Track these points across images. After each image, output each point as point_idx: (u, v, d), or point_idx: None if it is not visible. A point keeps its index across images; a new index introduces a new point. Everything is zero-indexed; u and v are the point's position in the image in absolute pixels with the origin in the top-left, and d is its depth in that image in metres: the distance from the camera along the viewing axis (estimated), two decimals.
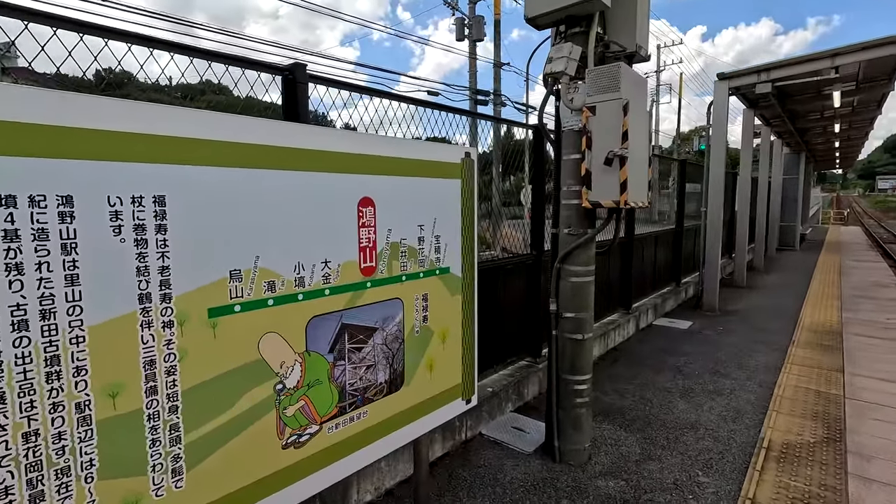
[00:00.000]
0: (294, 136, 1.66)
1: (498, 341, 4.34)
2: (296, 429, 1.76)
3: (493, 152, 12.59)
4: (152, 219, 1.34)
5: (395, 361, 2.13)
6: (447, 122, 3.69)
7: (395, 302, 2.11)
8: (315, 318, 1.78)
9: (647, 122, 3.31)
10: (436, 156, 2.25)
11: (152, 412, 1.38)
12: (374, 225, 1.98)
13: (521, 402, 4.45)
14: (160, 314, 1.37)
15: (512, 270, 4.44)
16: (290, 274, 1.69)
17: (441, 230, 2.32)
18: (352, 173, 1.87)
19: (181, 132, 1.38)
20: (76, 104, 1.20)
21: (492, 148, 9.60)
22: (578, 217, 3.38)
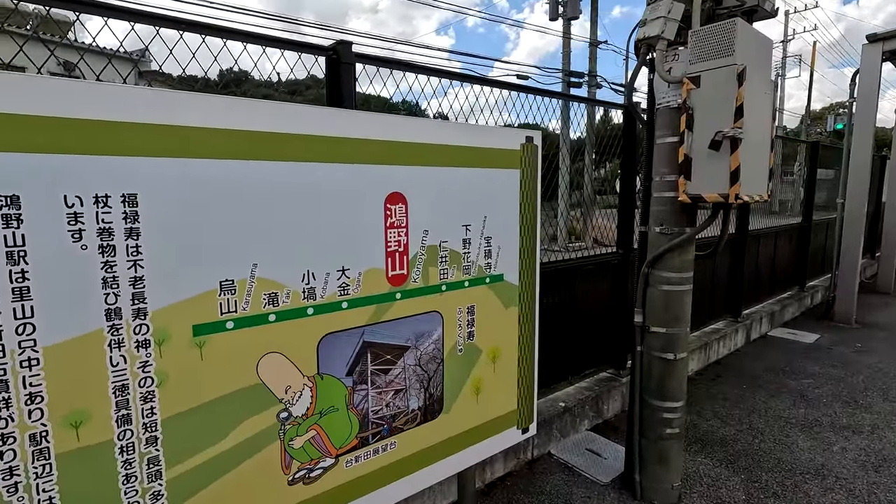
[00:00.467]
0: (299, 121, 1.39)
1: (574, 350, 3.87)
2: (305, 462, 1.52)
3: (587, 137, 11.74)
4: (121, 221, 1.14)
5: (431, 385, 1.82)
6: (539, 108, 3.29)
7: (432, 316, 1.78)
8: (329, 335, 1.52)
9: (771, 94, 2.63)
10: (487, 141, 1.87)
11: (125, 444, 1.19)
12: (406, 225, 1.67)
13: (599, 419, 3.95)
14: (133, 332, 1.18)
15: (593, 271, 3.92)
16: (297, 284, 1.43)
17: (493, 230, 1.94)
18: (376, 164, 1.56)
19: (151, 118, 1.16)
20: (20, 87, 1.01)
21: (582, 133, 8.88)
22: (673, 213, 2.80)
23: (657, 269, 2.89)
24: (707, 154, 2.49)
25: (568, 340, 3.79)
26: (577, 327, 3.86)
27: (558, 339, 3.70)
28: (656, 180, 2.87)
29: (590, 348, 4.02)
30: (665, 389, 2.92)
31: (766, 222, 6.70)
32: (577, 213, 5.44)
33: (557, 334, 3.68)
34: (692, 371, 4.97)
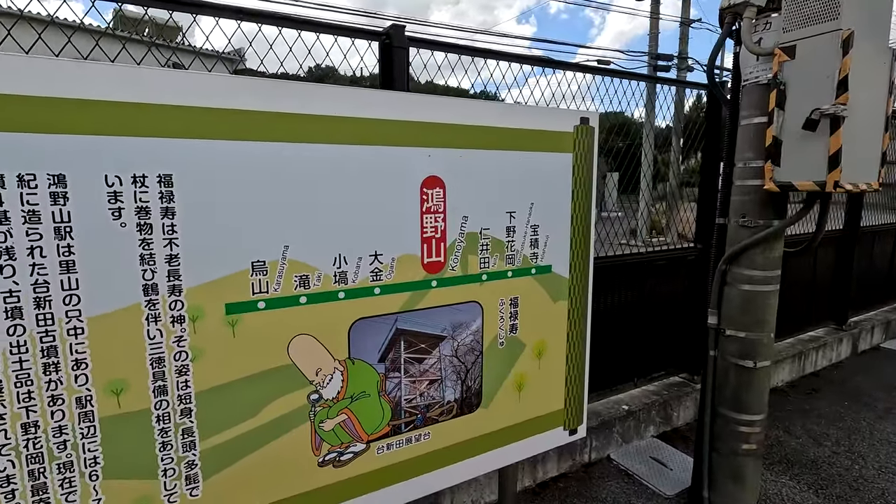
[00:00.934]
0: (332, 103, 1.37)
1: (640, 351, 3.61)
2: (336, 445, 1.52)
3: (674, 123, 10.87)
4: (157, 201, 1.19)
5: (469, 378, 1.75)
6: (623, 93, 3.11)
7: (470, 306, 1.71)
8: (361, 320, 1.50)
9: (889, 64, 2.23)
10: (535, 123, 1.75)
11: (161, 413, 1.26)
12: (444, 211, 1.60)
13: (667, 427, 3.66)
14: (168, 308, 1.23)
15: (665, 267, 3.62)
16: (329, 268, 1.43)
17: (540, 219, 1.82)
18: (411, 146, 1.51)
19: (187, 100, 1.19)
20: (65, 72, 1.07)
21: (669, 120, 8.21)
22: (757, 203, 2.49)
23: (737, 267, 2.59)
24: (800, 136, 2.17)
25: (633, 340, 3.54)
26: (645, 327, 3.59)
27: (622, 337, 3.47)
28: (739, 167, 2.56)
29: (659, 350, 3.73)
30: (741, 400, 2.62)
31: (886, 218, 5.82)
32: (661, 206, 5.08)
33: (621, 333, 3.45)
34: (782, 382, 4.47)
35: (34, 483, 1.14)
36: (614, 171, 8.77)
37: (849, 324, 5.17)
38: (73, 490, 1.18)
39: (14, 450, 1.12)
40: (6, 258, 1.06)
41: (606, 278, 3.29)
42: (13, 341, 1.08)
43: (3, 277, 1.06)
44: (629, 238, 7.39)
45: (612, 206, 12.54)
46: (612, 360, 3.44)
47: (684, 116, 9.71)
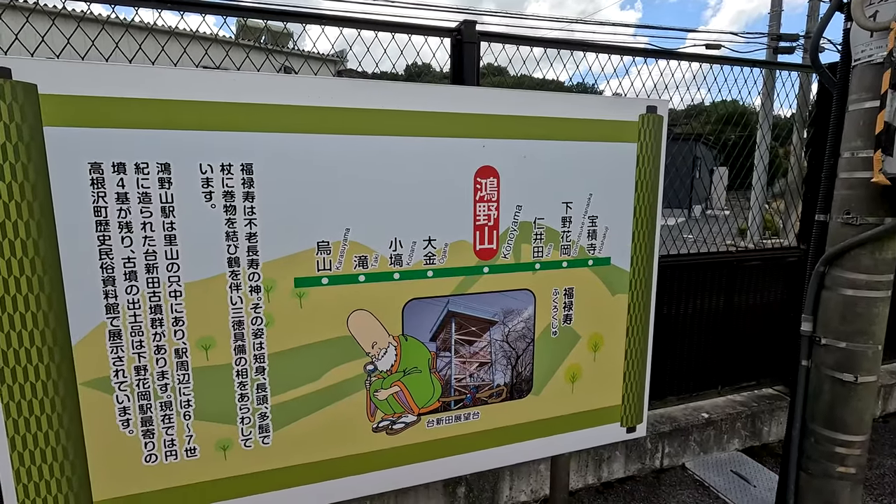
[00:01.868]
0: (389, 98, 1.49)
1: (726, 357, 3.36)
2: (388, 414, 1.65)
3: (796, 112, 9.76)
4: (240, 186, 1.38)
5: (519, 364, 1.79)
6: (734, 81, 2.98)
7: (522, 294, 1.75)
8: (414, 300, 1.61)
9: None
10: (596, 112, 1.74)
11: (240, 370, 1.46)
12: (497, 200, 1.66)
13: (755, 441, 3.38)
14: (247, 279, 1.43)
15: (760, 268, 3.32)
16: (385, 250, 1.55)
17: (599, 209, 1.80)
18: (466, 137, 1.58)
19: (265, 99, 1.37)
20: (177, 79, 1.29)
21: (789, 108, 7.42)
22: (866, 199, 2.22)
23: (838, 269, 2.32)
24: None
25: (719, 344, 3.30)
26: (734, 331, 3.33)
27: (705, 340, 3.25)
28: (845, 157, 2.29)
29: (750, 358, 3.44)
30: (837, 417, 2.35)
31: None
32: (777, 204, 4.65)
33: (704, 335, 3.24)
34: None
35: (143, 416, 1.40)
36: (722, 164, 8.09)
37: None
38: (172, 425, 1.43)
39: (129, 387, 1.38)
40: (126, 231, 1.31)
41: (690, 277, 3.11)
42: (130, 299, 1.34)
43: (124, 247, 1.31)
44: (736, 238, 6.79)
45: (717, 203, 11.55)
46: (692, 364, 3.25)
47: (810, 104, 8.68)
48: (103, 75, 1.23)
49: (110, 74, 1.24)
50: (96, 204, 1.28)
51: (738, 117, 3.60)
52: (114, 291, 1.32)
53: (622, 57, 2.75)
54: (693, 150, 12.32)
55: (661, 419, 3.16)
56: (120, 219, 1.30)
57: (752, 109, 7.35)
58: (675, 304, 3.12)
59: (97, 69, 1.23)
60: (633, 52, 2.56)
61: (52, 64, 1.22)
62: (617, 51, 2.50)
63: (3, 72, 1.15)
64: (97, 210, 1.28)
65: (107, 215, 1.29)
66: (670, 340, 3.14)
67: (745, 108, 4.01)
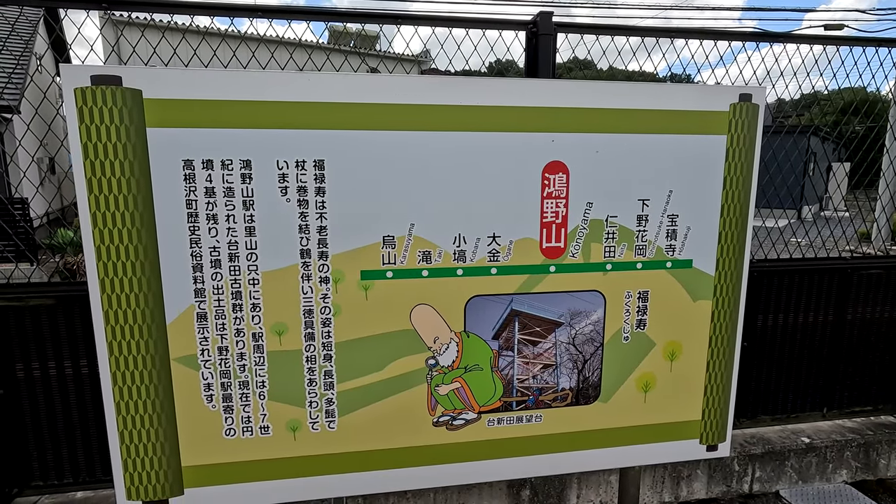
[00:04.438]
0: (455, 93, 1.48)
1: (834, 376, 2.98)
2: (449, 409, 1.66)
3: None
4: (313, 182, 1.45)
5: (586, 368, 1.71)
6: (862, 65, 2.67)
7: (591, 295, 1.67)
8: (477, 297, 1.60)
9: None
10: (681, 102, 1.61)
11: (310, 356, 1.54)
12: (566, 196, 1.59)
13: (868, 474, 2.97)
14: (318, 270, 1.50)
15: (879, 278, 2.90)
16: (449, 246, 1.56)
17: (680, 207, 1.67)
18: (534, 131, 1.54)
19: (335, 97, 1.42)
20: (255, 81, 1.39)
21: None
22: None
23: None
24: None
25: (825, 362, 2.94)
26: (845, 348, 2.94)
27: (808, 356, 2.91)
28: None
29: (864, 379, 3.02)
30: None
31: None
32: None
33: (807, 350, 2.90)
34: None
35: (224, 393, 1.53)
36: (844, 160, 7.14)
37: None
38: (248, 403, 1.54)
39: (213, 365, 1.51)
40: (212, 222, 1.43)
41: (793, 284, 2.79)
42: (214, 285, 1.46)
43: (210, 237, 1.43)
44: (860, 244, 6.01)
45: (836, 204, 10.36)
46: (791, 382, 2.92)
47: None
48: (196, 80, 1.35)
49: (201, 79, 1.35)
50: (188, 197, 1.41)
51: (864, 106, 3.15)
52: (201, 277, 1.45)
53: (718, 43, 2.52)
54: (807, 143, 11.05)
55: (751, 439, 2.88)
56: (207, 211, 1.42)
57: (883, 97, 6.40)
58: (773, 313, 2.82)
59: (191, 74, 1.35)
60: (726, 37, 2.33)
61: (154, 71, 1.36)
62: (706, 35, 2.29)
63: (114, 80, 1.31)
64: (189, 203, 1.41)
65: (196, 208, 1.41)
66: (767, 355, 2.85)
67: (872, 96, 3.50)
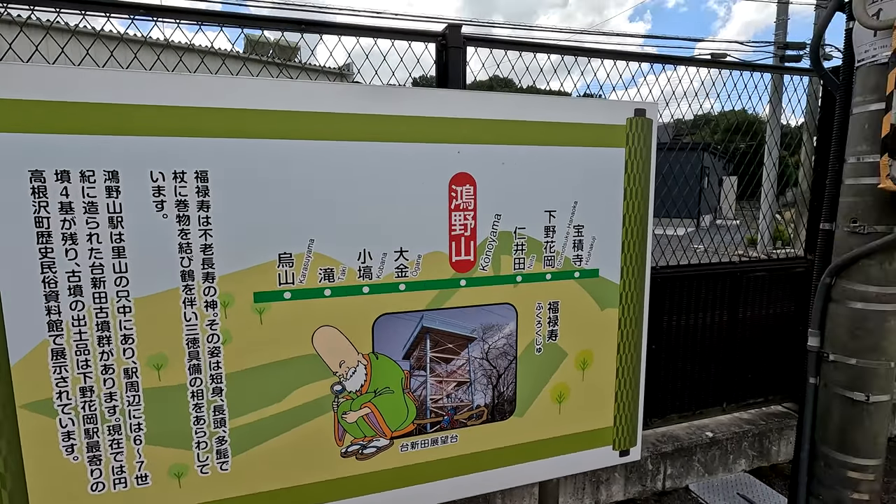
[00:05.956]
0: (357, 101, 1.40)
1: (731, 373, 3.21)
2: (358, 438, 1.55)
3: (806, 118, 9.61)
4: (194, 195, 1.30)
5: (501, 383, 1.68)
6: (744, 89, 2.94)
7: (503, 308, 1.65)
8: (385, 316, 1.51)
9: None
10: (580, 116, 1.64)
11: (196, 390, 1.37)
12: (474, 208, 1.56)
13: (763, 462, 3.21)
14: (203, 293, 1.34)
15: (766, 279, 3.19)
16: (353, 262, 1.46)
17: (586, 218, 1.70)
18: (439, 142, 1.50)
19: (218, 102, 1.29)
20: (120, 81, 1.22)
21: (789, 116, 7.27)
22: (873, 206, 2.10)
23: (846, 281, 2.19)
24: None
25: (723, 360, 3.16)
26: (738, 346, 3.18)
27: (708, 355, 3.11)
28: (850, 162, 2.17)
29: (758, 374, 3.29)
30: (849, 439, 2.21)
31: None
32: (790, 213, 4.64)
33: (706, 351, 3.10)
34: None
35: (89, 440, 1.31)
36: (731, 174, 7.97)
37: None
38: (121, 451, 1.34)
39: (74, 409, 1.29)
40: (70, 243, 1.23)
41: (691, 290, 2.98)
42: (75, 315, 1.25)
43: (68, 259, 1.23)
44: (746, 248, 6.64)
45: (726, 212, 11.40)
46: (695, 380, 3.11)
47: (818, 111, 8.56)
48: (42, 78, 1.16)
49: (49, 77, 1.17)
50: (38, 214, 1.20)
51: (746, 126, 3.49)
52: (57, 307, 1.24)
53: (625, 67, 2.66)
54: (701, 159, 12.07)
55: (662, 438, 3.01)
56: (64, 230, 1.22)
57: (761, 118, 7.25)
58: (676, 317, 2.99)
59: (35, 71, 1.16)
60: (626, 56, 2.47)
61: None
62: (607, 54, 2.41)
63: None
64: (39, 221, 1.20)
65: (49, 226, 1.21)
66: (672, 355, 3.01)
67: (752, 117, 3.95)
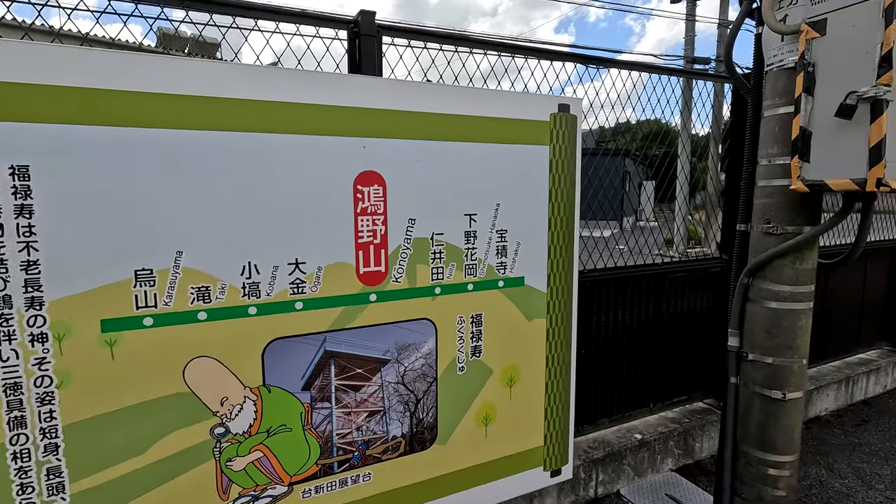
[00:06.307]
0: (237, 83, 1.16)
1: (657, 373, 3.24)
2: (248, 488, 1.29)
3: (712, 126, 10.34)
4: (10, 197, 1.00)
5: (420, 409, 1.49)
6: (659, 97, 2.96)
7: (421, 325, 1.46)
8: (278, 341, 1.27)
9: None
10: (502, 110, 1.50)
11: (19, 450, 1.05)
12: (384, 212, 1.36)
13: (688, 459, 3.27)
14: (26, 324, 1.03)
15: (687, 280, 3.25)
16: (235, 278, 1.21)
17: (509, 222, 1.56)
18: (342, 135, 1.28)
19: (43, 79, 1.00)
20: None
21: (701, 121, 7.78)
22: (785, 207, 2.13)
23: (761, 281, 2.23)
24: (834, 126, 1.82)
25: (648, 361, 3.18)
26: (663, 346, 3.22)
27: (635, 358, 3.11)
28: (762, 164, 2.21)
29: (680, 373, 3.34)
30: (767, 437, 2.24)
31: None
32: (700, 215, 4.92)
33: (634, 353, 3.10)
34: (826, 411, 3.97)
35: None
36: (650, 178, 8.38)
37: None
38: None
39: None
40: None
41: (617, 292, 2.96)
42: None
43: None
44: (664, 248, 6.99)
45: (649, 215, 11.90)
46: (623, 384, 3.10)
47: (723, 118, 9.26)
48: None
49: None
50: None
51: (662, 134, 3.60)
52: None
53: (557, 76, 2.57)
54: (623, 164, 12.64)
55: (594, 444, 2.96)
56: None
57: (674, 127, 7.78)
58: (605, 320, 2.96)
59: None
60: (549, 55, 2.37)
61: None
62: (532, 52, 2.30)
63: None
64: None
65: None
66: (602, 359, 2.97)
67: (666, 126, 4.16)
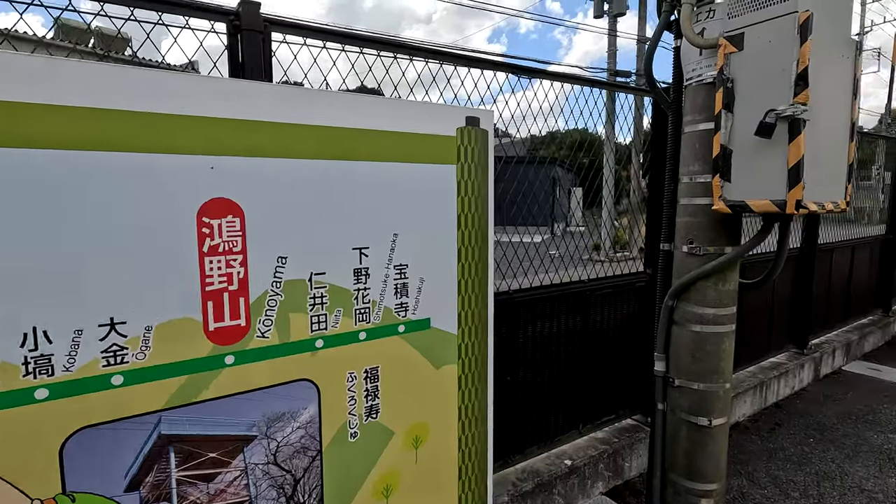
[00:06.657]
0: (34, 82, 0.82)
1: (585, 393, 3.13)
2: None
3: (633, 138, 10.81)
4: None
5: (299, 491, 1.20)
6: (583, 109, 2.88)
7: (297, 388, 1.17)
8: (85, 430, 0.93)
9: (852, 58, 1.84)
10: (396, 122, 1.24)
11: None
12: (243, 250, 1.06)
13: (618, 480, 3.18)
14: None
15: (612, 296, 3.17)
16: (11, 350, 0.86)
17: (409, 255, 1.30)
18: (179, 153, 0.97)
19: None
20: None
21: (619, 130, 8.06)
22: (707, 227, 2.06)
23: (686, 303, 2.14)
24: (754, 144, 1.75)
25: (576, 381, 3.06)
26: (590, 364, 3.11)
27: (562, 379, 2.98)
28: (684, 182, 2.13)
29: (607, 390, 3.26)
30: (695, 466, 2.16)
31: (842, 233, 5.61)
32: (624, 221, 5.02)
33: (561, 373, 2.97)
34: (744, 417, 4.07)
35: None
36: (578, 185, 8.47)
37: (810, 347, 4.87)
38: None
39: None
40: None
41: (542, 312, 2.81)
42: None
43: None
44: (591, 253, 7.11)
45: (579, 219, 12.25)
46: (552, 408, 2.95)
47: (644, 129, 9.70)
48: None
49: None
50: None
51: (588, 143, 3.56)
52: None
53: (488, 86, 2.37)
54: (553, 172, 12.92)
55: (523, 475, 2.78)
56: None
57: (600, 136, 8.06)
58: (532, 342, 2.80)
59: None
60: (468, 61, 2.16)
61: None
62: (446, 56, 2.07)
63: None
64: None
65: None
66: (528, 385, 2.81)
67: (591, 136, 4.17)
